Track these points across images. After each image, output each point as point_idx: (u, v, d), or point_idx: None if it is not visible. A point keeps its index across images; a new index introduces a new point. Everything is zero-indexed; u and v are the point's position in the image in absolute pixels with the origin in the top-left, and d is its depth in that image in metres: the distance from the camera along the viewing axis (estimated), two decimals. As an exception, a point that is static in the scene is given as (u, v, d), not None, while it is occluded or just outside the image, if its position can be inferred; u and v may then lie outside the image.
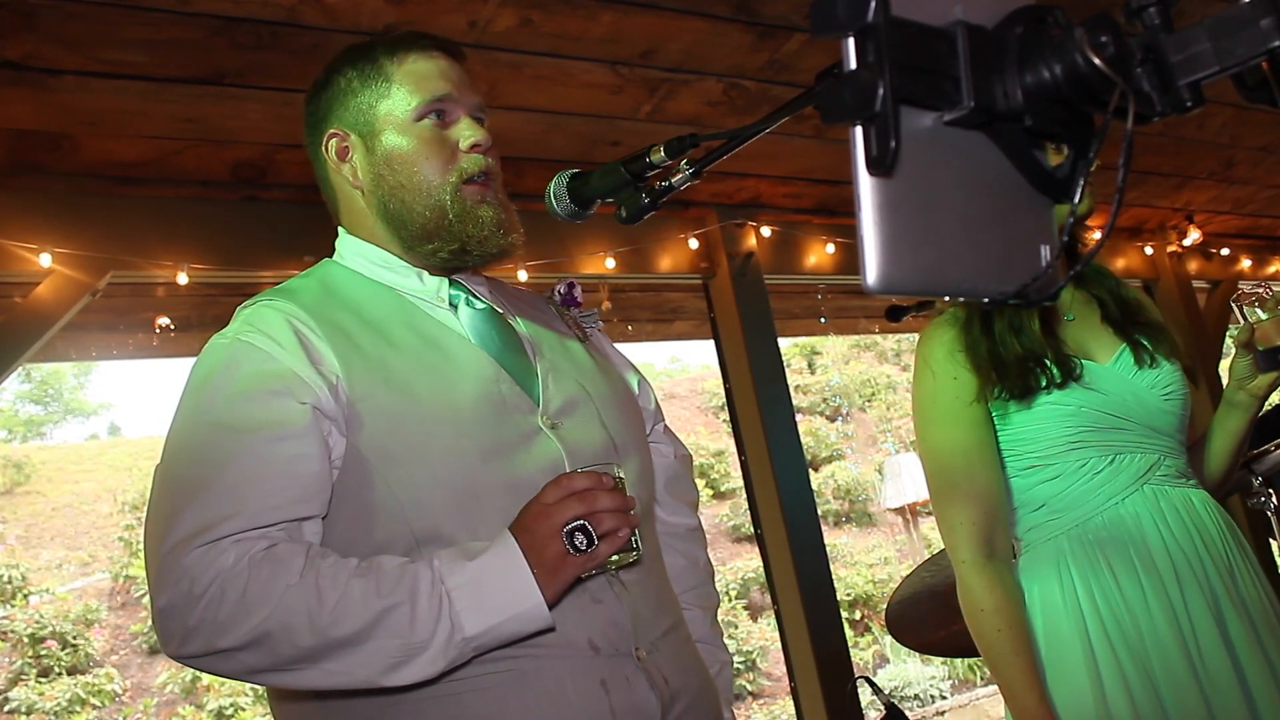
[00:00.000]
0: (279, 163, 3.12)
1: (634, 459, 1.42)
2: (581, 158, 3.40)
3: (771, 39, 3.07)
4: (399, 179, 1.37)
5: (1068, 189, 0.63)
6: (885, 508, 12.91)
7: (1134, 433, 1.60)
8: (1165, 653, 1.50)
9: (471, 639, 1.15)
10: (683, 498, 1.63)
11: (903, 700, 9.61)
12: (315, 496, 1.21)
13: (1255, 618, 1.55)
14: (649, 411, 1.61)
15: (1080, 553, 1.57)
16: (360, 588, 1.13)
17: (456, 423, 1.28)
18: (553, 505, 1.17)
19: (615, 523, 1.18)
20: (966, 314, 1.66)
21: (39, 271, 2.91)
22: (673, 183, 1.16)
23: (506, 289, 1.57)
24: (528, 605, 1.15)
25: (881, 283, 0.55)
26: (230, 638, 1.12)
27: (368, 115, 1.39)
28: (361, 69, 1.40)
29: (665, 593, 1.42)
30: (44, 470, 12.33)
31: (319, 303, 1.35)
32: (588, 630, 1.25)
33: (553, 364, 1.43)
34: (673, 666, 1.33)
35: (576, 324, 1.58)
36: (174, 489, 1.20)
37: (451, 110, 1.39)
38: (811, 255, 4.31)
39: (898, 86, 0.54)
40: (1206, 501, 1.63)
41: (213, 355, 1.29)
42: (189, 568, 1.13)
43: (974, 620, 1.56)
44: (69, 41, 2.43)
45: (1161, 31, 0.59)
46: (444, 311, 1.40)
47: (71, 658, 9.35)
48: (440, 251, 1.38)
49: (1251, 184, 5.18)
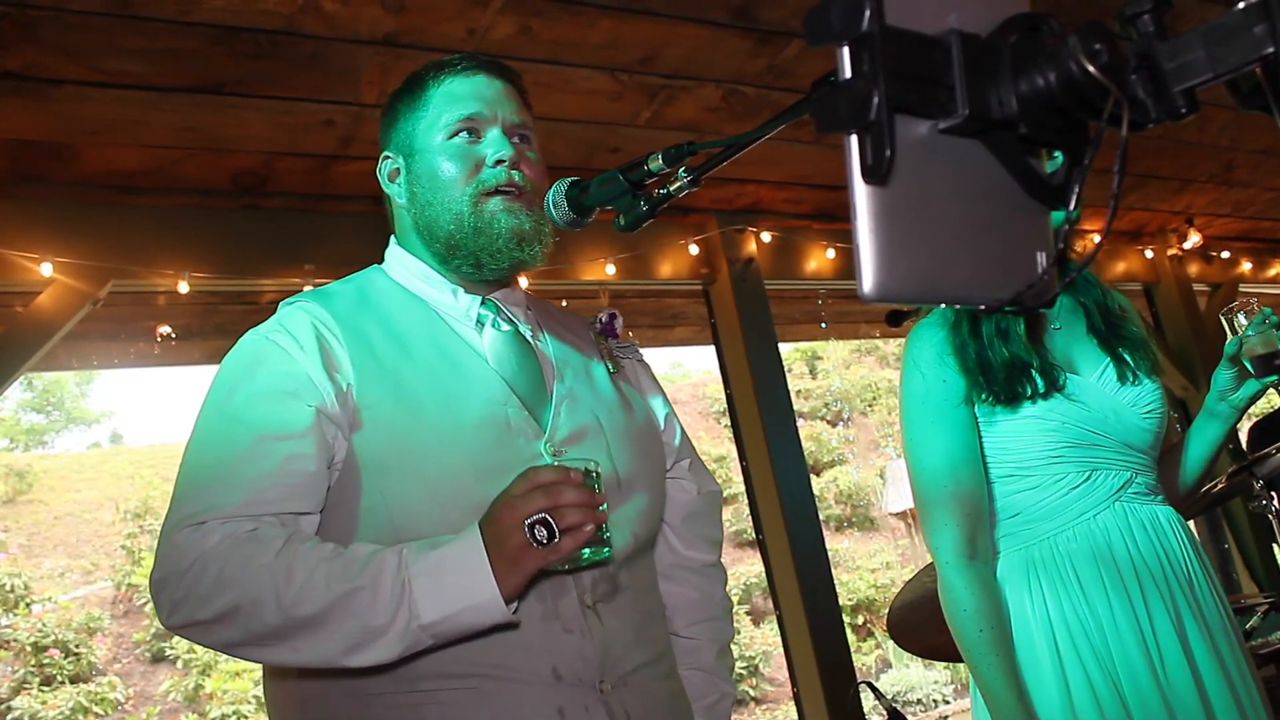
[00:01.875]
0: (279, 171, 3.13)
1: (638, 495, 1.42)
2: (581, 164, 3.41)
3: (770, 45, 3.07)
4: (428, 195, 1.41)
5: (1063, 196, 0.63)
6: (887, 512, 12.92)
7: (1111, 449, 1.63)
8: (1130, 661, 1.54)
9: (428, 626, 1.16)
10: (702, 535, 1.61)
11: (905, 705, 9.61)
12: (308, 495, 1.25)
13: (1213, 628, 1.59)
14: (671, 447, 1.60)
15: (1050, 563, 1.61)
16: (326, 570, 1.17)
17: (456, 441, 1.29)
18: (518, 498, 1.17)
19: (579, 517, 1.16)
20: (955, 315, 1.67)
21: (40, 281, 2.91)
22: (671, 190, 1.16)
23: (549, 309, 1.58)
24: (484, 597, 1.15)
25: (878, 291, 0.55)
26: (207, 610, 1.17)
27: (409, 136, 1.44)
28: (410, 92, 1.46)
29: (648, 628, 1.41)
30: (46, 479, 12.34)
31: (351, 309, 1.39)
32: (553, 659, 1.26)
33: (571, 392, 1.44)
34: (639, 703, 1.32)
35: (611, 354, 1.58)
36: (185, 474, 1.28)
37: (483, 127, 1.42)
38: (812, 260, 4.31)
39: (892, 95, 0.54)
40: (1171, 518, 1.66)
41: (242, 350, 1.36)
42: (178, 544, 1.20)
43: (955, 620, 1.58)
44: (70, 51, 2.44)
45: (1155, 39, 0.59)
46: (469, 329, 1.42)
47: (74, 666, 9.36)
48: (462, 266, 1.41)
49: (1251, 187, 5.18)
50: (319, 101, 2.79)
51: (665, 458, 1.58)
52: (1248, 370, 1.69)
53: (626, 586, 1.37)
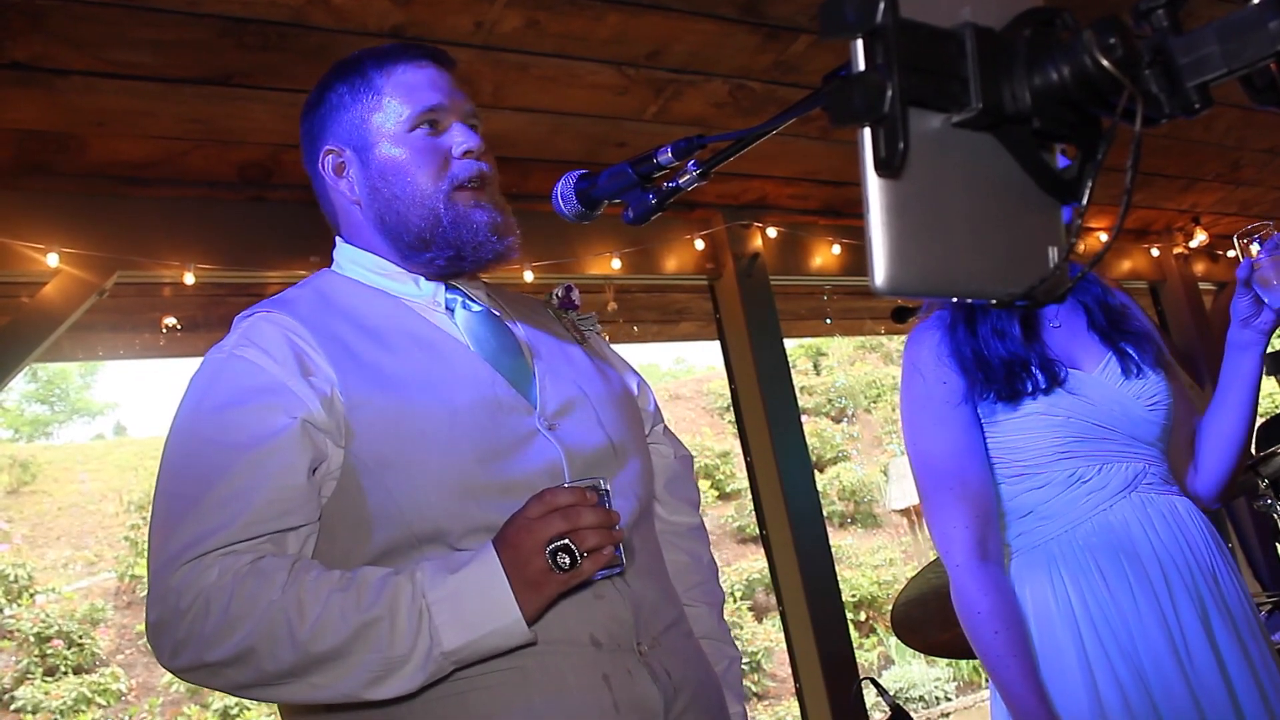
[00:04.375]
0: (285, 163, 3.13)
1: (633, 459, 1.43)
2: (588, 159, 3.40)
3: (778, 40, 3.07)
4: (394, 190, 1.38)
5: (1075, 191, 0.63)
6: (890, 509, 12.92)
7: (1119, 442, 1.62)
8: (1156, 655, 1.52)
9: (450, 653, 1.16)
10: (684, 497, 1.64)
11: (908, 702, 9.61)
12: (301, 508, 1.22)
13: (1239, 622, 1.57)
14: (648, 413, 1.62)
15: (1071, 558, 1.59)
16: (340, 602, 1.14)
17: (452, 426, 1.28)
18: (536, 520, 1.17)
19: (599, 540, 1.17)
20: (952, 318, 1.67)
21: (46, 271, 2.91)
22: (679, 184, 1.17)
23: (504, 293, 1.58)
24: (506, 621, 1.16)
25: (890, 284, 0.55)
26: (215, 653, 1.14)
27: (361, 129, 1.39)
28: (352, 83, 1.41)
29: (667, 589, 1.43)
30: (50, 470, 12.36)
31: (315, 312, 1.35)
32: (589, 626, 1.26)
33: (550, 366, 1.44)
34: (675, 660, 1.34)
35: (574, 327, 1.58)
36: (166, 504, 1.23)
37: (443, 118, 1.40)
38: (817, 256, 4.30)
39: (906, 88, 0.54)
40: (1190, 509, 1.64)
41: (207, 370, 1.31)
42: (175, 585, 1.16)
43: (970, 623, 1.56)
44: (76, 42, 2.44)
45: (1170, 33, 0.59)
46: (441, 315, 1.42)
47: (77, 657, 9.38)
48: (437, 259, 1.39)
49: (1258, 186, 5.17)
50: (326, 94, 2.79)
51: (645, 423, 1.59)
52: (1261, 298, 1.64)
53: (640, 549, 1.38)
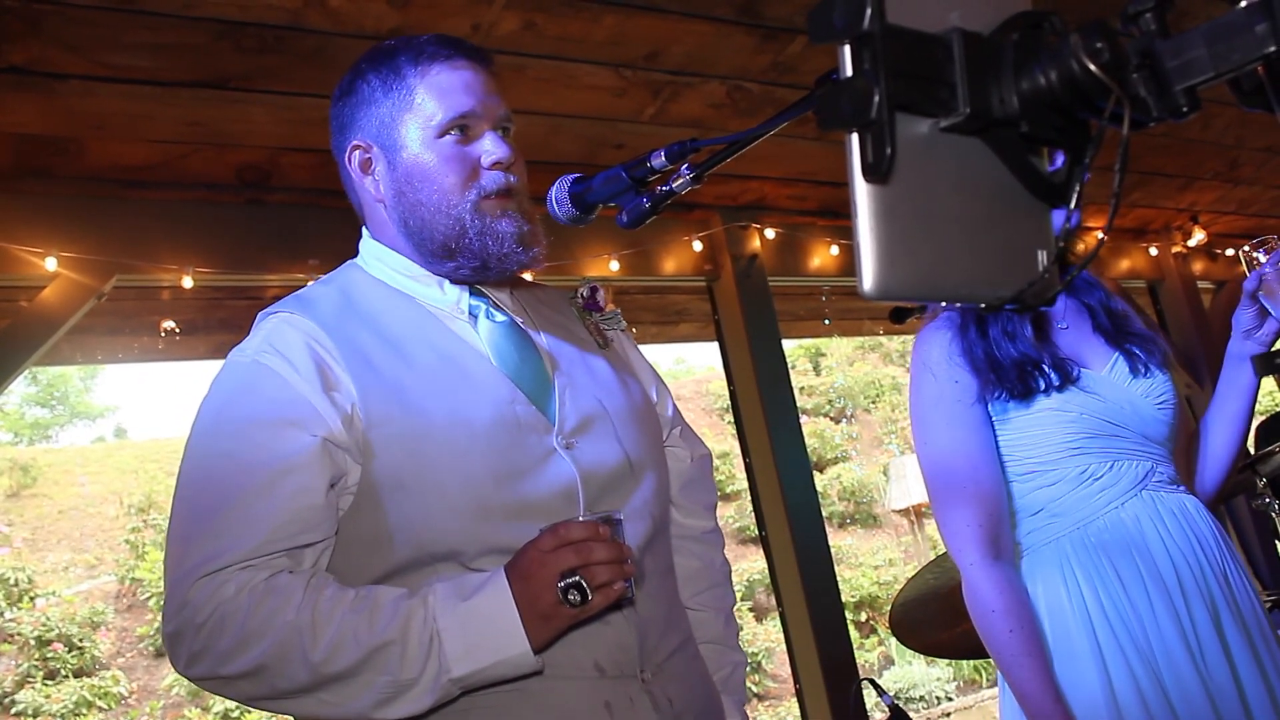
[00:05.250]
0: (284, 166, 3.13)
1: (649, 475, 1.43)
2: (585, 160, 3.40)
3: (775, 41, 3.07)
4: (419, 196, 1.35)
5: (1064, 194, 0.63)
6: (890, 509, 12.89)
7: (1130, 440, 1.62)
8: (1171, 652, 1.52)
9: (459, 680, 1.17)
10: (699, 501, 1.62)
11: (908, 702, 9.60)
12: (318, 526, 1.24)
13: (1248, 621, 1.58)
14: (666, 419, 1.61)
15: (1084, 555, 1.59)
16: (354, 624, 1.16)
17: (470, 447, 1.28)
18: (549, 554, 1.18)
19: (610, 575, 1.18)
20: (962, 319, 1.67)
21: (45, 275, 2.91)
22: (673, 187, 1.17)
23: (532, 291, 1.56)
24: (515, 652, 1.17)
25: (878, 289, 0.56)
26: (229, 667, 1.17)
27: (389, 128, 1.36)
28: (384, 76, 1.37)
29: (674, 610, 1.43)
30: (50, 473, 12.35)
31: (338, 317, 1.34)
32: (594, 653, 1.26)
33: (570, 379, 1.42)
34: (678, 687, 1.34)
35: (598, 329, 1.56)
36: (186, 515, 1.24)
37: (475, 125, 1.37)
38: (815, 257, 4.31)
39: (894, 93, 0.54)
40: (1199, 508, 1.65)
41: (231, 376, 1.31)
42: (192, 598, 1.18)
43: (983, 622, 1.56)
44: (74, 46, 2.44)
45: (1157, 37, 0.59)
46: (463, 324, 1.40)
47: (78, 660, 9.36)
48: (462, 269, 1.38)
49: (1256, 184, 5.17)
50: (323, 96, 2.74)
51: (663, 430, 1.59)
52: (1266, 309, 1.67)
53: (651, 572, 1.38)
